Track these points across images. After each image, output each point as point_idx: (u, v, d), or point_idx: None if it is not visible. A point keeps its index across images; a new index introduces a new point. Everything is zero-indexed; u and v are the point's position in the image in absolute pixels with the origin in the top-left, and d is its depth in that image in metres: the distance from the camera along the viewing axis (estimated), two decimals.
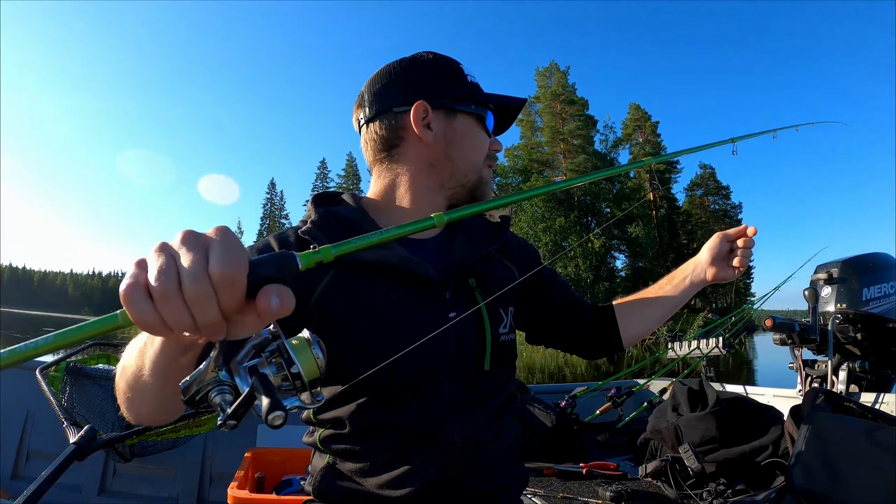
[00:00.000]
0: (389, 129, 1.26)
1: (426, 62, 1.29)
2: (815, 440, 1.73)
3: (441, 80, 1.28)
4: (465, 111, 1.28)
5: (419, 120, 1.23)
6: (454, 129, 1.27)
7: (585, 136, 51.14)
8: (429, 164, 1.27)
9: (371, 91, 1.28)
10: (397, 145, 1.27)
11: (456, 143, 1.27)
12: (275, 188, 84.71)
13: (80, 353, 3.18)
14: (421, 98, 1.24)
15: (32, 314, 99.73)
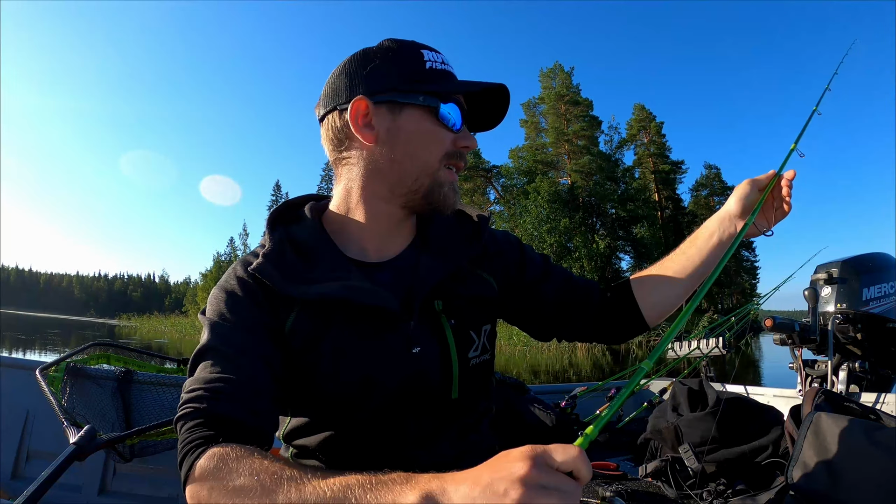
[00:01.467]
0: (336, 130, 1.14)
1: (376, 51, 1.13)
2: (815, 440, 1.72)
3: (388, 70, 1.10)
4: (411, 104, 1.10)
5: (357, 118, 1.09)
6: (398, 126, 1.10)
7: (590, 136, 51.05)
8: (374, 168, 1.13)
9: (325, 92, 1.17)
10: (346, 148, 1.14)
11: (401, 142, 1.11)
12: (280, 190, 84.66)
13: (80, 353, 3.18)
14: (360, 93, 1.09)
15: (38, 316, 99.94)
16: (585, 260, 44.61)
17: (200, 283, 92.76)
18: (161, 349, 23.85)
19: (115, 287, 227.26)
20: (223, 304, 1.09)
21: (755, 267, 57.47)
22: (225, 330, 1.05)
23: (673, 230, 55.39)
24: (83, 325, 65.14)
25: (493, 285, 1.32)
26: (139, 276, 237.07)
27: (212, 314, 1.09)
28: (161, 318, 73.42)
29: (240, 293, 1.09)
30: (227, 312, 1.07)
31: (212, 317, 1.08)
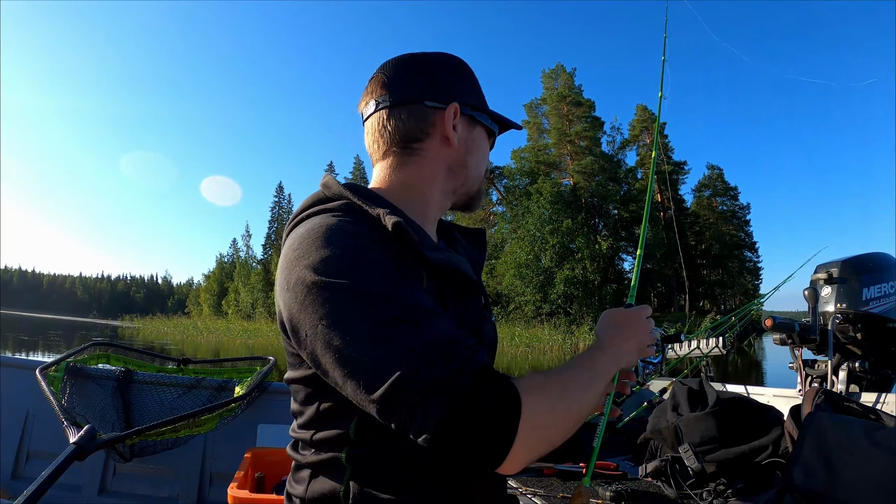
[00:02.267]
0: (416, 122, 1.18)
1: (457, 64, 1.26)
2: (815, 440, 1.72)
3: (468, 87, 1.25)
4: (482, 123, 1.26)
5: (451, 122, 1.18)
6: (473, 137, 1.24)
7: (592, 137, 51.05)
8: (448, 167, 1.22)
9: (396, 77, 1.20)
10: (420, 140, 1.19)
11: (473, 152, 1.24)
12: (283, 191, 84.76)
13: (80, 352, 3.19)
14: (454, 100, 1.19)
15: (41, 317, 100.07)
16: (588, 261, 44.61)
17: (203, 284, 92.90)
18: (164, 351, 23.88)
19: (118, 288, 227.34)
20: (381, 261, 0.97)
21: (758, 268, 57.41)
22: (389, 275, 0.94)
23: (675, 231, 55.40)
24: (86, 326, 65.27)
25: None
26: (142, 278, 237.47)
27: (374, 271, 0.94)
28: (164, 319, 73.44)
29: (386, 242, 1.01)
30: (391, 268, 0.96)
31: (378, 273, 0.94)
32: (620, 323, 1.19)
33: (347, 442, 1.02)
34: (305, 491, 1.07)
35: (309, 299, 0.92)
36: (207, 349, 31.57)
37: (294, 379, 1.08)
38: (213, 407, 2.78)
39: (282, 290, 0.99)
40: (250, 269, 76.46)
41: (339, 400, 0.97)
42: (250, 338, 44.04)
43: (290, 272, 0.96)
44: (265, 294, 70.21)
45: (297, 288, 0.94)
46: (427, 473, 1.03)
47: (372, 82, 1.22)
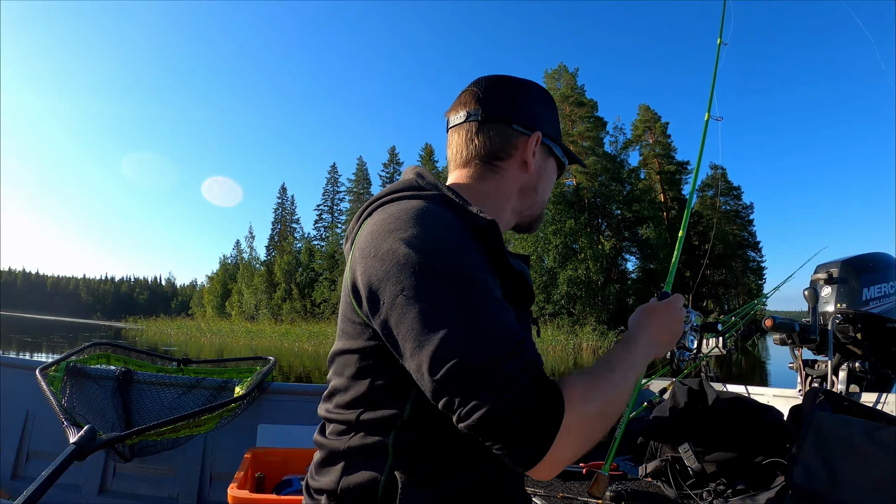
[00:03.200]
0: (501, 141, 1.25)
1: (545, 96, 1.34)
2: (815, 440, 1.72)
3: (551, 119, 1.32)
4: (555, 155, 1.34)
5: (532, 149, 1.25)
6: (546, 166, 1.32)
7: (595, 137, 50.98)
8: (520, 189, 1.28)
9: (489, 94, 1.27)
10: (502, 159, 1.25)
11: (544, 179, 1.32)
12: (286, 192, 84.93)
13: (80, 353, 3.19)
14: (538, 129, 1.26)
15: (45, 319, 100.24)
16: (591, 261, 44.56)
17: (206, 285, 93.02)
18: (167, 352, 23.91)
19: (122, 290, 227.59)
20: (470, 249, 1.00)
21: (762, 267, 57.31)
22: (480, 267, 0.98)
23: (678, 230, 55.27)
24: (89, 327, 65.32)
25: None
26: (145, 279, 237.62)
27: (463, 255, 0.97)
28: (167, 320, 73.56)
29: (481, 244, 1.04)
30: (477, 258, 0.99)
31: (467, 259, 0.97)
32: (651, 313, 1.25)
33: (397, 424, 1.02)
34: (338, 481, 1.04)
35: (396, 269, 0.94)
36: (211, 350, 31.60)
37: (349, 350, 1.08)
38: (213, 407, 2.77)
39: (365, 257, 1.00)
40: (253, 271, 76.62)
41: (397, 376, 0.98)
42: (253, 339, 44.07)
43: (381, 241, 0.98)
44: (268, 295, 70.34)
45: (386, 257, 0.96)
46: (470, 463, 1.04)
47: (466, 94, 1.29)
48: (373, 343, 1.02)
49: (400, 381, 0.99)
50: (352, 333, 1.07)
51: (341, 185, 77.14)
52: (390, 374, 1.00)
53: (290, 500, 2.35)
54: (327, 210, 76.65)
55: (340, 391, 1.09)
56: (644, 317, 1.25)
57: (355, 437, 1.05)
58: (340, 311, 1.13)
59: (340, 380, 1.10)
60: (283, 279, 69.60)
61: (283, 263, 70.52)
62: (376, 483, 1.01)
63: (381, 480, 1.00)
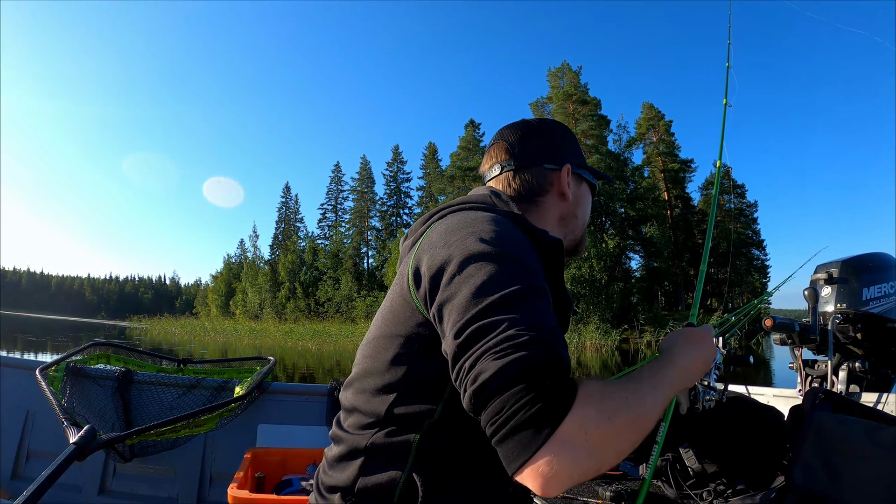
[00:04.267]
0: (537, 181, 1.36)
1: (565, 131, 1.46)
2: (815, 440, 1.71)
3: (574, 149, 1.44)
4: (587, 180, 1.45)
5: (566, 180, 1.37)
6: (581, 191, 1.43)
7: (598, 135, 50.92)
8: (561, 217, 1.39)
9: (518, 142, 1.39)
10: (541, 195, 1.36)
11: (581, 205, 1.43)
12: (290, 192, 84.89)
13: (80, 353, 3.19)
14: (567, 162, 1.38)
15: (50, 318, 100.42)
16: (595, 260, 44.49)
17: (211, 284, 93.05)
18: (172, 351, 23.94)
19: (126, 289, 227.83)
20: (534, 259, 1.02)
21: (766, 266, 57.12)
22: (540, 275, 0.99)
23: (683, 229, 55.21)
24: (94, 327, 65.44)
25: None
26: (149, 279, 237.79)
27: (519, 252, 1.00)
28: (172, 319, 73.67)
29: (543, 260, 1.06)
30: (534, 260, 1.02)
31: (530, 261, 0.99)
32: (690, 339, 1.20)
33: (424, 425, 1.03)
34: (355, 479, 1.05)
35: (463, 255, 0.97)
36: (215, 349, 31.63)
37: (392, 334, 1.08)
38: (213, 407, 2.78)
39: (434, 247, 1.04)
40: (258, 270, 76.66)
41: (437, 372, 1.00)
42: (257, 338, 44.09)
43: (452, 235, 1.04)
44: (272, 294, 70.39)
45: (455, 245, 1.00)
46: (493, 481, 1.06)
47: (495, 148, 1.42)
48: (421, 330, 1.04)
49: (437, 378, 1.01)
50: (401, 318, 1.07)
51: (345, 183, 77.37)
52: (431, 367, 1.02)
53: (290, 500, 2.35)
54: (331, 209, 76.84)
55: (372, 375, 1.09)
56: (683, 341, 1.19)
57: (379, 433, 1.05)
58: (388, 301, 1.15)
59: (375, 363, 1.10)
60: (287, 278, 69.66)
61: (287, 262, 70.57)
62: (394, 485, 1.01)
63: (399, 483, 1.01)
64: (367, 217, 72.68)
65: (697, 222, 56.34)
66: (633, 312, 44.73)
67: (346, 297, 62.58)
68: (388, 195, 73.36)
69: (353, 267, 67.04)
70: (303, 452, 2.85)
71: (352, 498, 1.04)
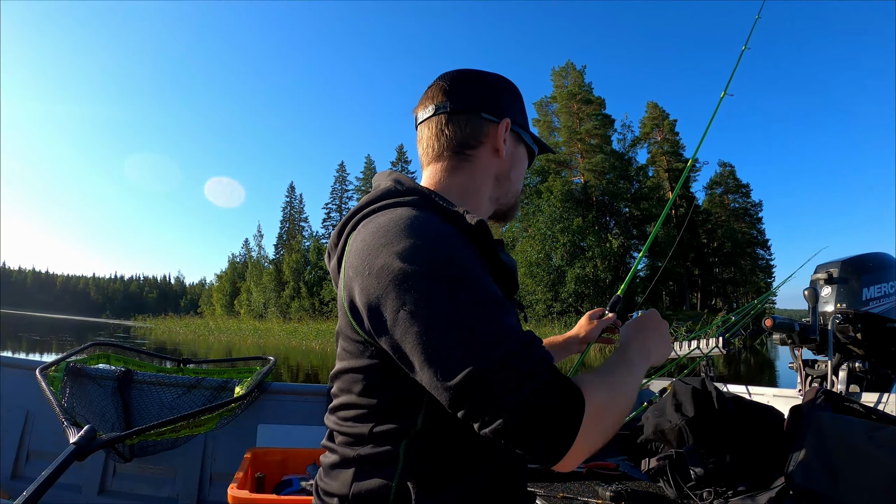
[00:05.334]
0: (471, 130, 1.26)
1: (511, 86, 1.36)
2: (815, 440, 1.72)
3: (518, 108, 1.35)
4: (525, 142, 1.36)
5: (502, 135, 1.27)
6: (517, 153, 1.34)
7: (603, 135, 50.95)
8: (495, 176, 1.30)
9: (456, 86, 1.29)
10: (474, 148, 1.27)
11: (517, 166, 1.34)
12: (294, 192, 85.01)
13: (80, 352, 3.20)
14: (508, 116, 1.29)
15: (55, 317, 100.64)
16: (599, 259, 44.53)
17: (215, 284, 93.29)
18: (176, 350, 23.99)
19: (131, 289, 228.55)
20: (464, 253, 1.00)
21: (770, 266, 57.06)
22: (476, 277, 0.97)
23: (687, 229, 55.13)
24: (99, 326, 65.54)
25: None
26: (154, 278, 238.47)
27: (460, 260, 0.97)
28: (176, 318, 73.74)
29: (471, 245, 1.06)
30: (473, 261, 1.00)
31: (463, 264, 0.97)
32: (641, 325, 1.29)
33: (410, 434, 1.02)
34: (349, 486, 1.06)
35: (394, 285, 0.93)
36: (219, 348, 31.68)
37: (353, 368, 1.08)
38: (213, 407, 2.78)
39: (360, 275, 0.99)
40: (262, 269, 76.81)
41: (407, 390, 0.99)
42: (261, 337, 44.11)
43: (374, 258, 0.98)
44: (277, 294, 70.53)
45: (381, 274, 0.95)
46: (478, 468, 1.05)
47: (432, 88, 1.31)
48: (376, 361, 1.03)
49: (410, 394, 1.00)
50: (354, 352, 1.08)
51: (349, 183, 77.44)
52: (400, 388, 1.01)
53: (290, 500, 2.35)
54: (335, 209, 76.85)
55: (349, 407, 1.10)
56: (633, 328, 1.28)
57: (366, 447, 1.06)
58: (339, 330, 1.13)
59: (349, 396, 1.10)
60: (292, 278, 69.80)
61: (292, 262, 70.73)
62: (388, 490, 1.02)
63: (392, 488, 1.02)
64: None
65: (702, 221, 56.29)
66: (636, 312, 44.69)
67: None
68: None
69: None
70: (303, 452, 2.85)
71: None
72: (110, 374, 3.24)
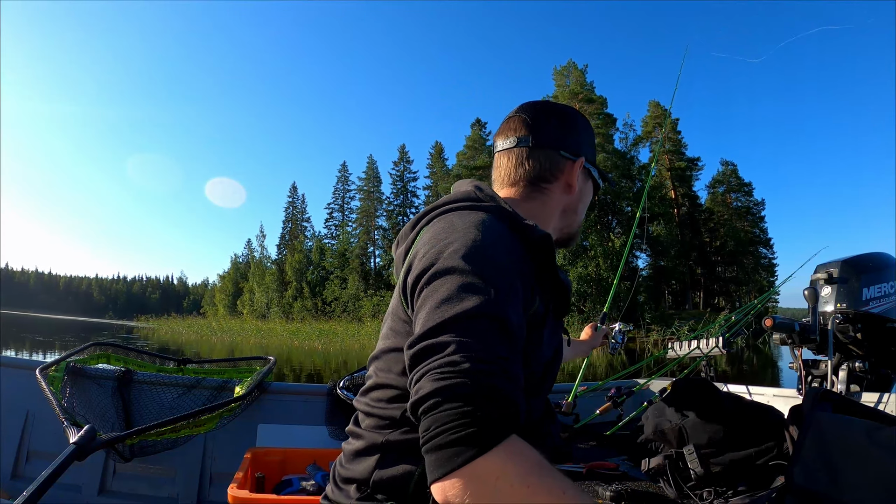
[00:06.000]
0: (549, 165, 1.34)
1: (586, 123, 1.44)
2: (815, 440, 1.71)
3: (590, 144, 1.43)
4: (593, 178, 1.44)
5: (576, 173, 1.35)
6: (586, 188, 1.43)
7: (605, 134, 50.85)
8: (563, 209, 1.38)
9: (539, 120, 1.36)
10: (549, 182, 1.34)
11: (584, 200, 1.42)
12: (296, 192, 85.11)
13: (80, 353, 3.20)
14: (583, 155, 1.37)
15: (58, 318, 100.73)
16: (601, 258, 44.51)
17: (218, 284, 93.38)
18: (179, 351, 24.00)
19: (134, 289, 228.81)
20: (517, 268, 1.03)
21: (773, 265, 56.94)
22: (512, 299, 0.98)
23: (690, 227, 55.10)
24: (102, 326, 65.59)
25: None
26: (157, 279, 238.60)
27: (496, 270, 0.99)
28: (179, 319, 73.76)
29: (523, 262, 1.07)
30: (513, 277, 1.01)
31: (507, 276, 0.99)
32: None
33: None
34: (372, 472, 1.10)
35: (436, 271, 0.99)
36: (222, 348, 31.69)
37: (397, 347, 1.12)
38: (213, 407, 2.78)
39: (421, 259, 1.05)
40: (265, 269, 76.85)
41: None
42: (264, 337, 44.11)
43: (438, 247, 1.04)
44: (279, 294, 70.56)
45: (434, 257, 1.02)
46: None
47: (514, 120, 1.38)
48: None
49: None
50: (401, 332, 1.13)
51: (352, 183, 77.36)
52: None
53: (290, 500, 2.35)
54: (338, 209, 76.93)
55: (385, 387, 1.14)
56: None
57: (395, 431, 1.10)
58: (390, 311, 1.19)
59: (387, 376, 1.14)
60: (295, 278, 69.84)
61: (295, 262, 70.77)
62: (410, 477, 1.06)
63: (415, 475, 1.06)
64: (374, 216, 72.76)
65: (705, 221, 56.23)
66: (640, 311, 44.69)
67: (353, 297, 62.65)
68: (395, 194, 73.51)
69: (359, 266, 67.12)
70: (303, 452, 2.85)
71: (367, 490, 1.10)
72: (110, 374, 3.23)
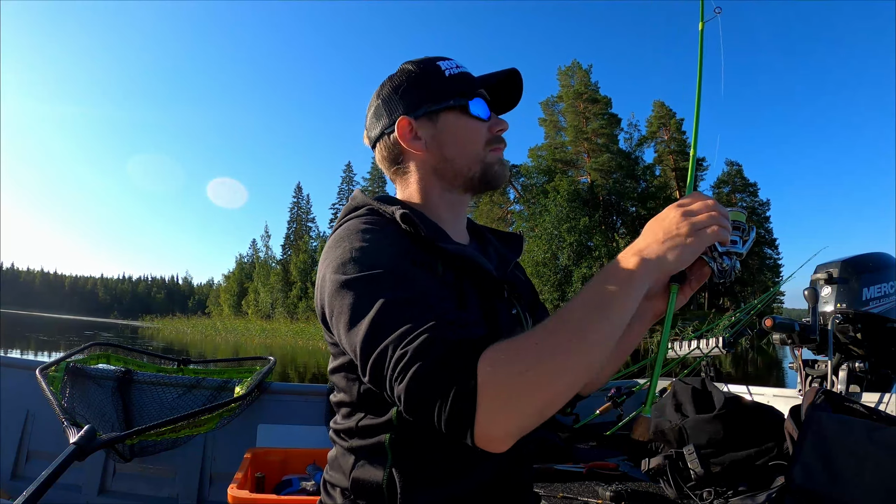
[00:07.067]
0: (389, 150, 1.31)
1: (400, 75, 1.31)
2: (815, 440, 1.71)
3: (417, 88, 1.28)
4: (444, 109, 1.26)
5: (406, 136, 1.26)
6: (440, 130, 1.27)
7: (609, 134, 50.89)
8: (432, 170, 1.29)
9: (368, 124, 1.35)
10: (401, 162, 1.31)
11: (448, 143, 1.27)
12: (301, 192, 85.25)
13: (80, 352, 3.21)
14: (401, 114, 1.26)
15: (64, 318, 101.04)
16: (605, 259, 44.37)
17: (223, 284, 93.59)
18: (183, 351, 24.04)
19: (139, 289, 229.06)
20: (391, 251, 1.05)
21: (778, 265, 56.77)
22: (402, 271, 1.00)
23: None
24: (107, 326, 65.76)
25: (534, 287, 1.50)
26: (162, 278, 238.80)
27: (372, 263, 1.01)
28: (184, 319, 73.99)
29: (398, 235, 1.11)
30: (393, 259, 1.02)
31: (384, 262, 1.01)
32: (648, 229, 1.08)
33: (391, 427, 1.09)
34: (348, 478, 1.13)
35: (331, 291, 1.02)
36: (226, 349, 31.76)
37: (335, 368, 1.17)
38: (213, 407, 2.79)
39: (317, 286, 1.11)
40: (270, 269, 77.00)
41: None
42: (268, 337, 44.26)
43: (321, 270, 1.09)
44: (284, 294, 70.72)
45: (323, 285, 1.06)
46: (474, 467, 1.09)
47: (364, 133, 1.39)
48: (348, 358, 1.08)
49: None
50: (334, 353, 1.17)
51: (357, 183, 77.41)
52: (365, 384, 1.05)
53: (290, 500, 2.36)
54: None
55: (340, 403, 1.19)
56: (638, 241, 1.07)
57: (356, 440, 1.13)
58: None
59: (339, 393, 1.19)
60: (299, 278, 69.96)
61: (299, 262, 70.91)
62: (381, 481, 1.09)
63: (384, 479, 1.08)
64: None
65: None
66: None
67: None
68: None
69: None
70: (303, 452, 2.85)
71: (350, 495, 1.13)
72: (110, 374, 3.24)
